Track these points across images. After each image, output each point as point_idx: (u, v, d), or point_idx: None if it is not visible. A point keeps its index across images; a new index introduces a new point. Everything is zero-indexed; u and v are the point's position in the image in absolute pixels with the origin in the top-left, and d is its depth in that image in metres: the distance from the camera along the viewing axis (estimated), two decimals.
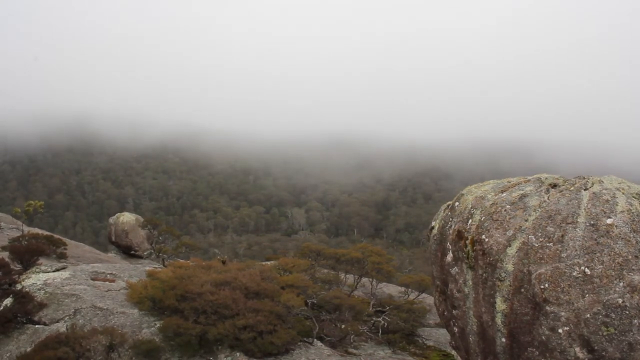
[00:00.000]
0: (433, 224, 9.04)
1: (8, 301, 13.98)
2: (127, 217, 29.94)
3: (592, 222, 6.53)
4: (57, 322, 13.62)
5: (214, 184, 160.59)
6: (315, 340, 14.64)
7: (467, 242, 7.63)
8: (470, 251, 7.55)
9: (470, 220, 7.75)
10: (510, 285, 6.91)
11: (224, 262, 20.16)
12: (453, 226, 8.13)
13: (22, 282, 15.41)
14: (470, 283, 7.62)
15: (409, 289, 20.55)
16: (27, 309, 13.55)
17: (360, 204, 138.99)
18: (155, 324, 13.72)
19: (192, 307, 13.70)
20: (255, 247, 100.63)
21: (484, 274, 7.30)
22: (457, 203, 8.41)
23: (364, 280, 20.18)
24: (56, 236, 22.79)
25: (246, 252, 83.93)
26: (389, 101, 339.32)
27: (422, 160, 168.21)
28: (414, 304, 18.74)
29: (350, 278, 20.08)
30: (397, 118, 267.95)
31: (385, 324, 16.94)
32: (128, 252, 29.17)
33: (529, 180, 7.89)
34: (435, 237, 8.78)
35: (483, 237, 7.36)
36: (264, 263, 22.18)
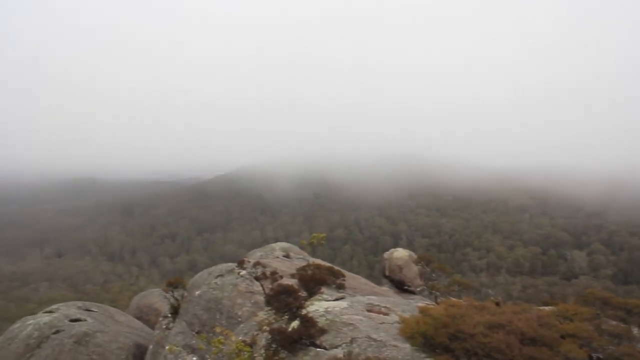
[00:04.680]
0: None
1: (295, 323, 15.35)
2: (400, 253, 30.63)
3: None
4: (336, 347, 14.42)
5: (487, 222, 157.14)
6: None
7: None
8: None
9: None
10: None
11: (497, 304, 19.26)
12: None
13: (307, 308, 16.78)
14: None
15: None
16: (310, 332, 14.67)
17: None
18: None
19: (464, 348, 13.28)
20: (530, 289, 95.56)
21: None
22: None
23: None
24: (336, 267, 24.21)
25: (520, 295, 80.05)
26: None
27: None
28: None
29: None
30: None
31: None
32: (400, 286, 29.77)
33: None
34: None
35: None
36: (540, 308, 20.59)
